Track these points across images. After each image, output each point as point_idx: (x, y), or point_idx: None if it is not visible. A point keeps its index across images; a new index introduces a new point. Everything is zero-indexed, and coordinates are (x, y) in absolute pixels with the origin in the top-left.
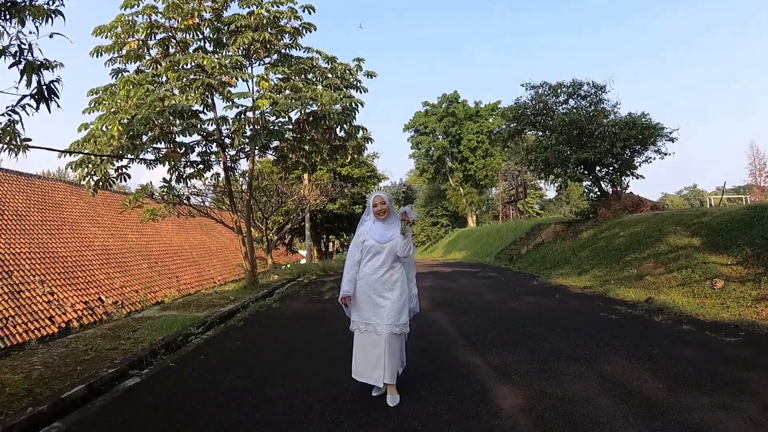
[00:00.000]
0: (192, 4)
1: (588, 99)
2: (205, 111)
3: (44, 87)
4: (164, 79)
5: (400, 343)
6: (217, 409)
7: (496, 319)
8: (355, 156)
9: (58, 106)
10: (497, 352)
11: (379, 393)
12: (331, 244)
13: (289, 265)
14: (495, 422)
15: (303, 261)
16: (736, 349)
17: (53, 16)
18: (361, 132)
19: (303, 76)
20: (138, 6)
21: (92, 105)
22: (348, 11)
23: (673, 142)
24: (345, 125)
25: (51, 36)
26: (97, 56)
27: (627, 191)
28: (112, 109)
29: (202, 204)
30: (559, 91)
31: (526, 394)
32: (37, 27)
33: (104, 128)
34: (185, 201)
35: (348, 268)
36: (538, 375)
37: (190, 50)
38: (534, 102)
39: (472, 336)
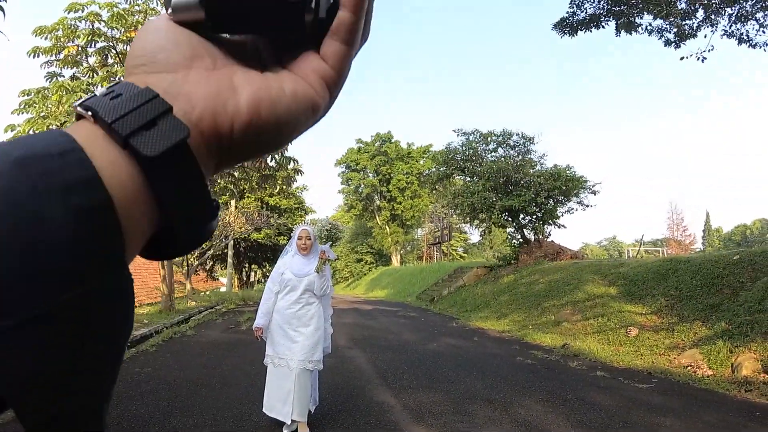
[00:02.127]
0: (137, 17)
1: (517, 149)
2: None
3: None
4: (99, 88)
5: (311, 380)
6: None
7: (414, 359)
8: (284, 187)
9: None
10: (412, 393)
11: (289, 430)
12: (253, 273)
13: (208, 292)
14: None
15: (223, 289)
16: (648, 396)
17: None
18: (292, 163)
19: None
20: (82, 11)
21: (22, 106)
22: None
23: (595, 194)
24: (276, 155)
25: None
26: (34, 57)
27: (549, 239)
28: (42, 113)
29: None
30: (489, 139)
31: None
32: None
33: (31, 132)
34: None
35: (264, 300)
36: (452, 417)
37: None
38: (464, 148)
39: (389, 375)
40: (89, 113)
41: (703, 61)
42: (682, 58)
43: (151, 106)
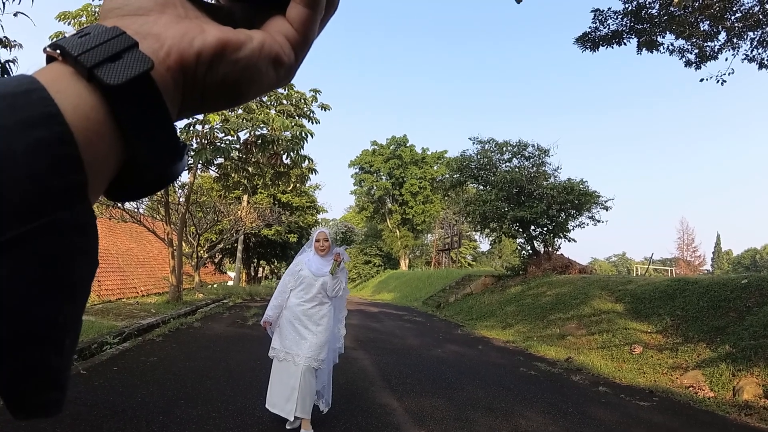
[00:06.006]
0: None
1: (531, 160)
2: None
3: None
4: None
5: (324, 381)
6: (125, 425)
7: (417, 364)
8: (298, 185)
9: None
10: (415, 397)
11: (292, 426)
12: (261, 269)
13: (215, 285)
14: None
15: (230, 283)
16: (648, 414)
17: None
18: (306, 161)
19: (258, 98)
20: None
21: None
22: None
23: (607, 210)
24: (292, 153)
25: (15, 15)
26: None
27: (558, 252)
28: None
29: (136, 210)
30: (504, 149)
31: None
32: (3, 3)
33: None
34: (119, 204)
35: (277, 294)
36: (453, 423)
37: None
38: (479, 156)
39: (392, 378)
40: (58, 51)
41: (722, 84)
42: (702, 80)
43: (117, 41)
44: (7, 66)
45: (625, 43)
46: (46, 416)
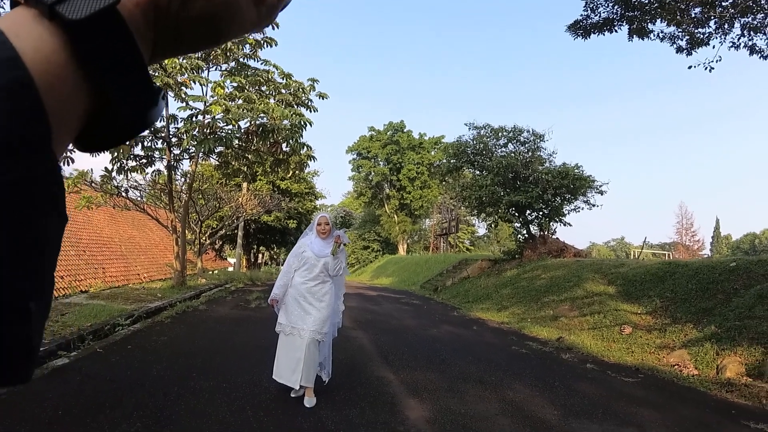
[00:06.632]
0: None
1: (526, 145)
2: None
3: None
4: None
5: (325, 353)
6: (143, 395)
7: (414, 342)
8: (297, 172)
9: None
10: (410, 371)
11: (297, 395)
12: (260, 255)
13: (216, 271)
14: (401, 429)
15: (230, 269)
16: (632, 389)
17: None
18: (305, 149)
19: (257, 88)
20: None
21: None
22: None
23: (602, 194)
24: (291, 141)
25: None
26: None
27: (554, 236)
28: None
29: (139, 199)
30: (500, 134)
31: (432, 409)
32: None
33: None
34: (123, 193)
35: (282, 274)
36: (445, 393)
37: None
38: (475, 142)
39: (389, 355)
40: None
41: (710, 71)
42: (690, 67)
43: None
44: None
45: (616, 30)
46: (10, 385)
